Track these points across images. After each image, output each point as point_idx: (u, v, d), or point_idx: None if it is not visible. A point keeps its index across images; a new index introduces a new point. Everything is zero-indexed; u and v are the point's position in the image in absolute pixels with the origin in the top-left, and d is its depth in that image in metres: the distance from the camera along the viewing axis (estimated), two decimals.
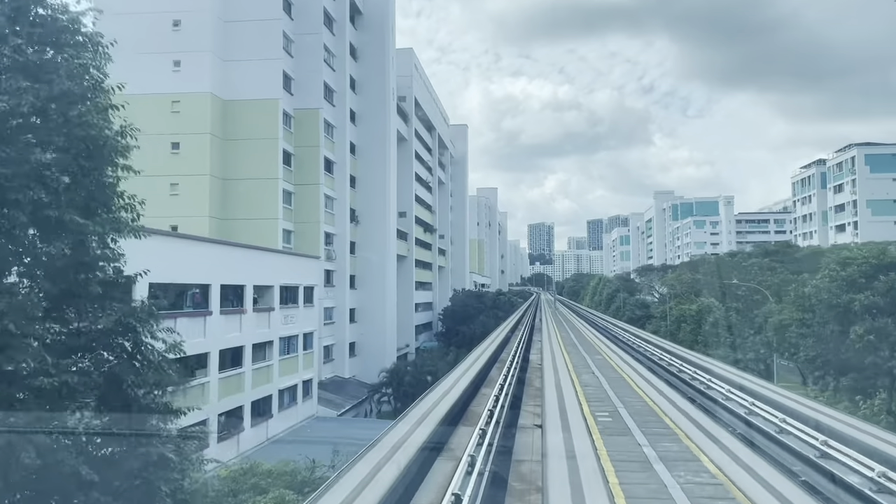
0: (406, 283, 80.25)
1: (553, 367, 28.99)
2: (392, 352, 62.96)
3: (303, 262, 43.83)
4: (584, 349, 39.74)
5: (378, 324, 60.24)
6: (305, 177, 52.14)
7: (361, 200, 60.66)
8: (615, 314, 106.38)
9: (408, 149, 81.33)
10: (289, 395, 39.62)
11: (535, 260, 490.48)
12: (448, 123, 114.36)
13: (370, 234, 60.50)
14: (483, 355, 29.27)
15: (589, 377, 27.23)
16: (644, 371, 30.20)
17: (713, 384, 24.54)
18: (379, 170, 61.23)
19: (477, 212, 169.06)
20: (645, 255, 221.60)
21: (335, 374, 54.31)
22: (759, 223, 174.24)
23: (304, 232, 51.71)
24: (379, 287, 60.38)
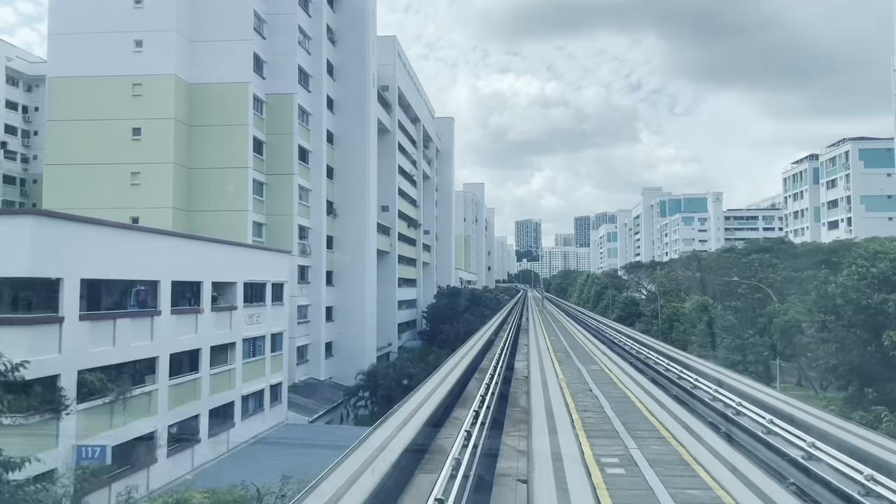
0: (388, 280, 77.05)
1: (542, 380, 24.15)
2: (372, 352, 59.75)
3: (271, 257, 40.49)
4: (576, 356, 34.59)
5: (357, 322, 57.00)
6: (278, 166, 48.77)
7: (340, 193, 57.36)
8: (603, 312, 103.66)
9: (390, 140, 78.03)
10: (254, 400, 36.32)
11: (522, 256, 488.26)
12: (434, 116, 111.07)
13: (349, 229, 57.22)
14: (462, 363, 25.81)
15: (588, 399, 21.84)
16: (652, 388, 24.61)
17: (745, 409, 18.96)
18: (358, 161, 57.92)
19: (463, 207, 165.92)
20: (632, 252, 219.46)
21: (310, 375, 51.03)
22: (747, 220, 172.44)
23: (276, 225, 48.36)
24: (358, 284, 57.13)
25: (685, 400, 23.48)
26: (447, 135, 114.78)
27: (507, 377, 25.08)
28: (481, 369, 26.01)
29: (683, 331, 55.38)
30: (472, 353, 29.26)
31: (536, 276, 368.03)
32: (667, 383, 27.31)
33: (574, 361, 32.17)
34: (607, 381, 26.60)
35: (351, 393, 46.26)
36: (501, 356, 28.23)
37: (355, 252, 57.18)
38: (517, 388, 23.95)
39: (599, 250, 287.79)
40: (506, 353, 30.26)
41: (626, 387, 24.72)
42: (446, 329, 70.47)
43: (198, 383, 30.15)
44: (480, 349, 31.46)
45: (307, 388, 48.04)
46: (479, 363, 27.79)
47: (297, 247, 48.65)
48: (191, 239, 32.26)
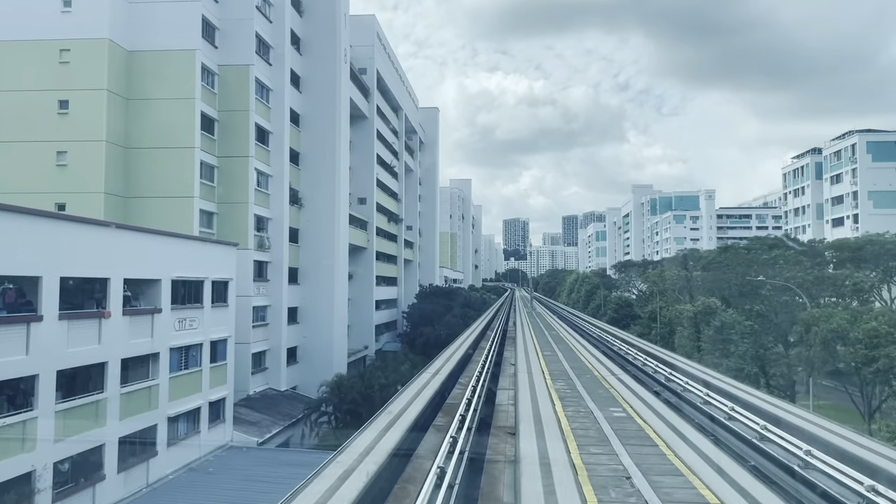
0: (365, 278, 70.99)
1: (539, 454, 13.43)
2: (342, 357, 53.55)
3: (212, 250, 34.19)
4: (585, 387, 22.78)
5: (325, 325, 50.77)
6: (232, 148, 42.46)
7: (307, 180, 51.10)
8: (595, 313, 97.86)
9: (368, 127, 71.85)
10: (187, 422, 30.08)
11: (509, 255, 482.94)
12: (417, 106, 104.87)
13: (317, 221, 50.95)
14: (420, 398, 19.11)
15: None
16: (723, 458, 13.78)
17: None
18: (328, 145, 51.66)
19: (449, 204, 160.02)
20: (622, 251, 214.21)
21: (269, 386, 44.79)
22: (740, 218, 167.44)
23: (229, 215, 42.08)
24: (326, 282, 50.88)
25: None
26: (431, 126, 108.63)
27: (482, 440, 15.20)
28: (446, 408, 17.85)
29: (687, 336, 49.55)
30: (439, 378, 22.29)
31: (524, 275, 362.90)
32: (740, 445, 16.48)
33: (585, 401, 20.58)
34: (642, 438, 15.52)
35: (312, 407, 40.04)
36: (480, 384, 20.70)
37: (324, 247, 50.94)
38: (496, 470, 13.10)
39: (588, 249, 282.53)
40: (484, 379, 22.51)
41: (684, 462, 13.26)
42: (426, 332, 64.39)
43: (101, 405, 23.88)
44: (452, 371, 24.47)
45: (263, 402, 41.79)
46: (445, 396, 20.20)
47: (252, 239, 42.40)
48: (91, 224, 25.87)
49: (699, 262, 79.80)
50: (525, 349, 36.42)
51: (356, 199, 71.62)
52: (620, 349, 36.79)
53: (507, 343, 39.99)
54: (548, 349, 37.73)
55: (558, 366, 30.16)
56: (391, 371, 42.92)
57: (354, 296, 70.61)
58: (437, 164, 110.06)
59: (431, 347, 62.27)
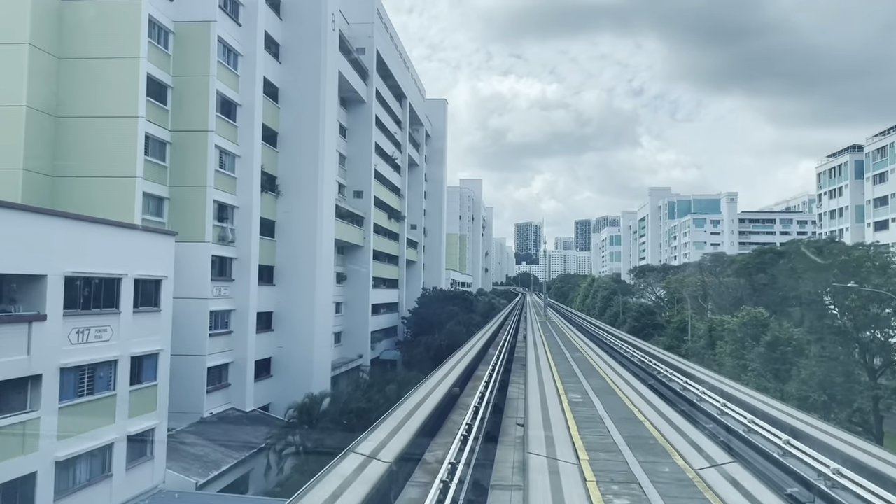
0: (361, 279, 63.65)
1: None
2: (325, 369, 46.14)
3: (137, 240, 26.67)
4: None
5: (305, 332, 43.34)
6: (189, 120, 35.10)
7: (288, 165, 43.76)
8: (613, 321, 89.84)
9: (366, 113, 64.50)
10: (89, 465, 22.61)
11: (521, 259, 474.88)
12: (424, 96, 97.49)
13: (297, 212, 43.58)
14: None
15: None
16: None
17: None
18: (312, 126, 44.30)
19: (459, 204, 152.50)
20: (637, 256, 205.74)
21: (231, 405, 37.34)
22: (763, 223, 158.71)
23: (183, 200, 34.69)
24: (307, 283, 43.47)
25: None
26: (439, 118, 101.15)
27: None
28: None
29: (730, 353, 41.62)
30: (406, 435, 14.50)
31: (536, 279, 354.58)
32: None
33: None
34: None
35: (276, 435, 32.48)
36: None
37: (305, 242, 43.55)
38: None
39: (601, 254, 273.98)
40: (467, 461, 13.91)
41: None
42: (425, 341, 56.89)
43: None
44: (426, 421, 16.61)
45: (220, 427, 34.31)
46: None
47: (210, 230, 34.98)
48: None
49: (729, 267, 71.71)
50: (540, 388, 23.13)
51: (352, 192, 64.32)
52: (656, 369, 28.83)
53: (514, 369, 30.79)
54: (572, 381, 25.94)
55: (597, 432, 17.33)
56: (376, 391, 35.31)
57: (348, 299, 63.39)
58: (445, 159, 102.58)
59: (430, 359, 54.83)
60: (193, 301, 33.97)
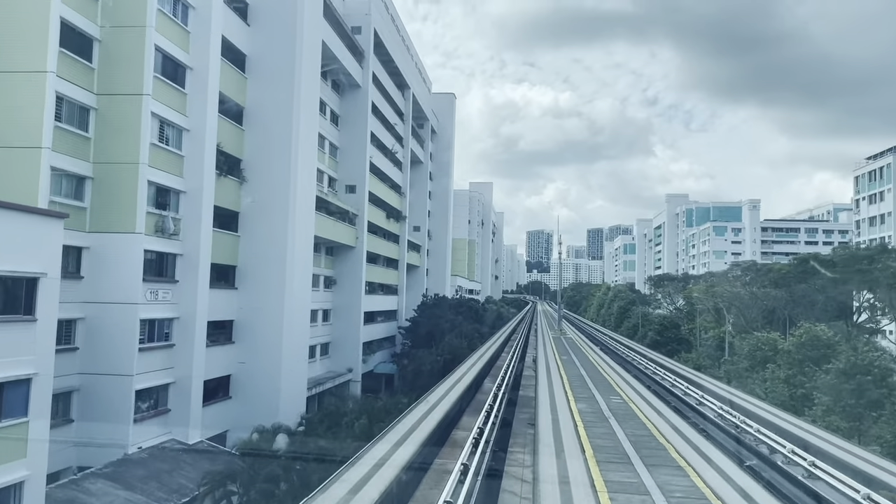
0: (352, 284, 56.48)
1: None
2: (298, 388, 38.84)
3: None
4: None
5: (272, 344, 36.01)
6: (119, 81, 28.00)
7: (255, 147, 36.60)
8: (632, 333, 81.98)
9: (361, 99, 57.44)
10: None
11: (532, 268, 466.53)
12: (430, 89, 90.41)
13: (267, 202, 36.38)
14: None
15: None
16: None
17: None
18: (286, 102, 37.14)
19: (468, 208, 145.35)
20: (652, 265, 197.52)
21: (172, 437, 30.00)
22: (787, 231, 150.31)
23: (110, 180, 27.53)
24: (276, 286, 36.19)
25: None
26: (446, 114, 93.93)
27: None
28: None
29: (785, 378, 33.83)
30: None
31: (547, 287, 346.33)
32: None
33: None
34: None
35: (213, 482, 25.04)
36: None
37: (275, 238, 36.32)
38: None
39: (614, 262, 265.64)
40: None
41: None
42: (420, 356, 49.50)
43: None
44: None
45: (149, 466, 26.92)
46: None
47: (144, 219, 27.76)
48: None
49: (765, 276, 63.87)
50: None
51: (344, 187, 57.25)
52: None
53: (515, 431, 18.94)
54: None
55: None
56: (344, 427, 27.85)
57: (338, 305, 56.23)
58: (452, 157, 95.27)
59: (427, 374, 47.54)
60: (116, 307, 26.80)
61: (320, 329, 53.95)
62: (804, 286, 55.29)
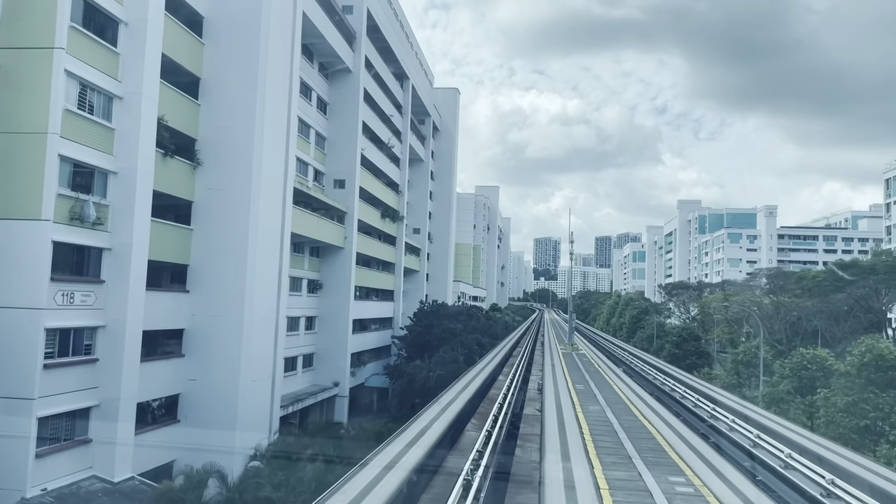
0: (339, 289, 50.81)
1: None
2: (261, 408, 32.87)
3: None
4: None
5: (232, 358, 30.20)
6: (25, 32, 22.39)
7: (214, 125, 30.88)
8: (646, 345, 75.72)
9: (352, 85, 51.86)
10: None
11: (539, 275, 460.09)
12: (432, 83, 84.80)
13: (229, 191, 30.64)
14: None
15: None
16: None
17: None
18: (248, 71, 31.42)
19: (473, 212, 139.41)
20: (663, 273, 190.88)
21: (93, 472, 24.19)
22: (804, 239, 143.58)
23: (11, 152, 21.87)
24: (236, 289, 30.39)
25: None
26: (450, 110, 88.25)
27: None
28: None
29: (845, 408, 27.66)
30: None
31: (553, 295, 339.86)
32: None
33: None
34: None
35: None
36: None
37: (234, 234, 30.55)
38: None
39: (623, 270, 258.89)
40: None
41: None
42: (410, 372, 43.62)
43: None
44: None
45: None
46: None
47: (52, 203, 22.03)
48: None
49: (796, 285, 57.65)
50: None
51: (332, 181, 51.63)
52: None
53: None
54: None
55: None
56: (303, 465, 21.91)
57: (324, 312, 50.62)
58: (456, 155, 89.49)
59: (416, 392, 41.74)
60: (12, 312, 21.08)
61: (303, 338, 48.25)
62: (842, 295, 48.97)
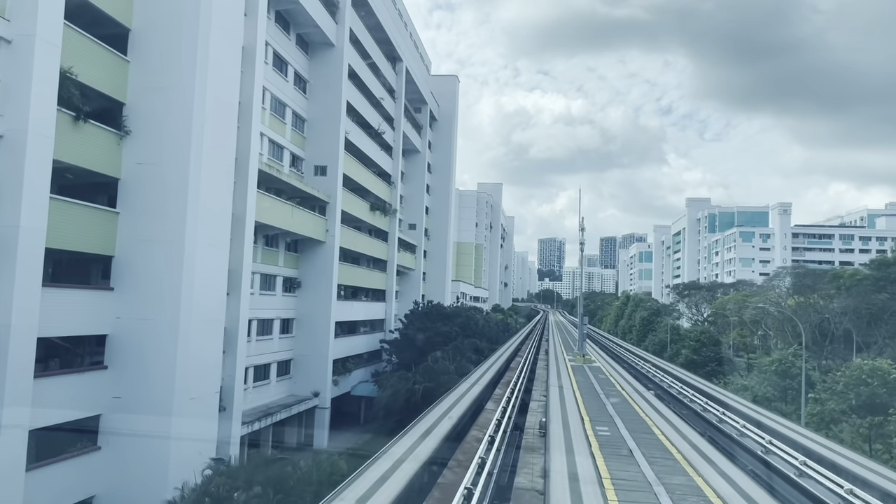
0: (320, 287, 45.27)
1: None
2: (205, 431, 27.14)
3: None
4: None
5: (164, 369, 24.47)
6: None
7: (145, 84, 25.19)
8: (658, 350, 69.76)
9: (335, 61, 46.28)
10: None
11: (544, 276, 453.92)
12: (429, 69, 79.09)
13: (168, 167, 24.98)
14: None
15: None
16: None
17: None
18: (190, 23, 25.71)
19: (476, 210, 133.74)
20: (670, 274, 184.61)
21: None
22: (820, 238, 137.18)
23: None
24: (172, 287, 24.69)
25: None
26: (449, 99, 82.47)
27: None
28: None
29: None
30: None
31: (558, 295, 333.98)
32: None
33: None
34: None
35: None
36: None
37: (172, 217, 24.87)
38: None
39: (629, 271, 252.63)
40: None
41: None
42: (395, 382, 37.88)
43: None
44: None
45: None
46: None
47: None
48: None
49: (830, 284, 51.66)
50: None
51: (312, 168, 46.07)
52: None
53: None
54: None
55: None
56: None
57: (303, 314, 45.14)
58: (455, 147, 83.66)
59: (399, 408, 36.02)
60: None
61: (277, 343, 42.68)
62: (884, 296, 43.01)
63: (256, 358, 39.98)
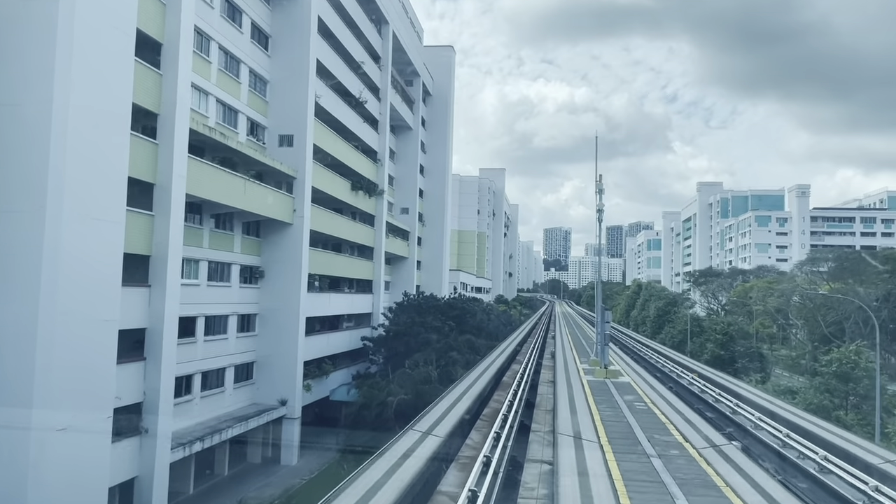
0: (287, 277, 38.20)
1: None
2: (91, 474, 20.05)
3: None
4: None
5: (18, 390, 17.38)
6: None
7: None
8: (677, 344, 62.28)
9: (301, 14, 38.90)
10: None
11: (549, 266, 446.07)
12: (421, 37, 71.64)
13: (20, 105, 17.82)
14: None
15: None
16: None
17: None
18: None
19: (477, 197, 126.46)
20: (681, 261, 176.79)
21: None
22: (840, 221, 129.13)
23: None
24: (26, 274, 17.59)
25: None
26: (443, 72, 74.90)
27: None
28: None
29: None
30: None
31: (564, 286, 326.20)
32: None
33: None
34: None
35: None
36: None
37: (29, 178, 17.73)
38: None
39: (637, 260, 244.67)
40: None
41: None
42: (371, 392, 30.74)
43: None
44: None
45: None
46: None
47: None
48: None
49: (883, 267, 44.13)
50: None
51: (276, 137, 38.85)
52: None
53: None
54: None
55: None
56: None
57: (267, 308, 38.08)
58: (451, 125, 76.12)
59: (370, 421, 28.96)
60: None
61: (234, 343, 35.63)
62: None
63: (206, 362, 33.03)
